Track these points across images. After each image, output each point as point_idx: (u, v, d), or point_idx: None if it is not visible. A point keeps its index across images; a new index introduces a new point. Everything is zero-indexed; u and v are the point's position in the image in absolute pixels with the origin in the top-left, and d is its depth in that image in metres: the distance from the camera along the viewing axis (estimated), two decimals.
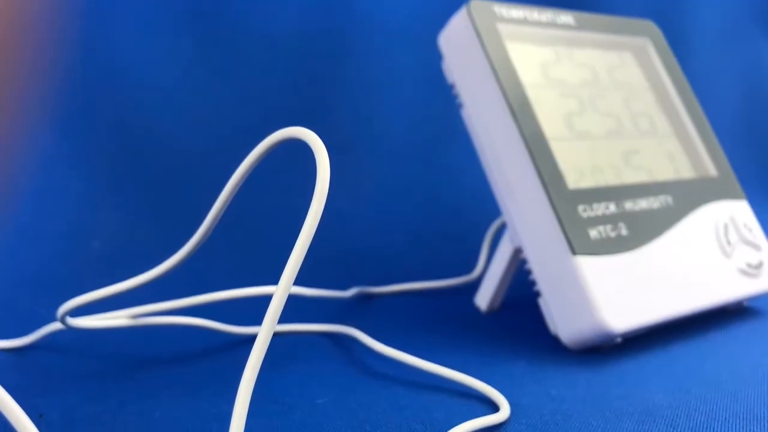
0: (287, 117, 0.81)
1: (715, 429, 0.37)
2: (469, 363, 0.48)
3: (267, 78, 0.84)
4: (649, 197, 0.55)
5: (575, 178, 0.53)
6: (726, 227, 0.57)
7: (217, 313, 0.55)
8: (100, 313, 0.51)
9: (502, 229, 0.68)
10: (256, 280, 0.57)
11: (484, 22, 0.55)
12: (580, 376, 0.45)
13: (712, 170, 0.61)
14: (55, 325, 0.51)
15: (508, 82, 0.53)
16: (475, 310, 0.61)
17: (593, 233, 0.50)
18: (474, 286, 0.65)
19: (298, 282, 0.58)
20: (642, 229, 0.53)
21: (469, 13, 0.54)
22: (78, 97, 0.76)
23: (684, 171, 0.60)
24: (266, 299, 0.51)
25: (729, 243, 0.57)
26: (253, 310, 0.52)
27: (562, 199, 0.50)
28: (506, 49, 0.55)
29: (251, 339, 0.54)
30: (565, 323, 0.50)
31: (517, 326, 0.56)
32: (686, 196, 0.57)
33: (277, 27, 0.84)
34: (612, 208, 0.52)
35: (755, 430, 0.37)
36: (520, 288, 0.60)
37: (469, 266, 0.72)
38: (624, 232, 0.51)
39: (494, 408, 0.41)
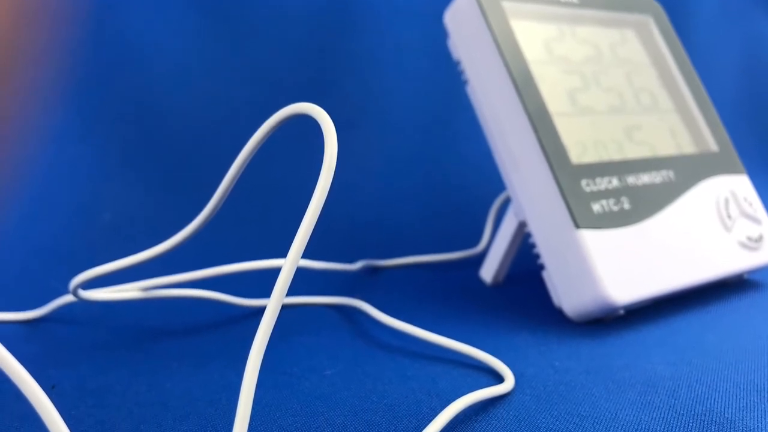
0: (295, 92, 0.81)
1: (716, 399, 0.38)
2: (474, 335, 0.48)
3: (275, 53, 0.83)
4: (651, 172, 0.55)
5: (578, 153, 0.53)
6: (727, 201, 0.58)
7: (227, 285, 0.55)
8: (112, 285, 0.51)
9: (506, 203, 0.69)
10: (265, 253, 0.58)
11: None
12: (583, 348, 0.46)
13: (713, 145, 0.61)
14: (68, 298, 0.52)
15: (512, 58, 0.53)
16: (480, 282, 0.61)
17: (596, 207, 0.50)
18: (479, 259, 0.66)
19: (306, 255, 0.59)
20: (644, 204, 0.53)
21: None
22: (89, 72, 0.76)
23: (685, 146, 0.60)
24: (275, 272, 0.52)
25: (729, 217, 0.57)
26: (262, 283, 0.53)
27: (566, 174, 0.51)
28: (510, 27, 0.55)
29: (260, 311, 0.54)
30: (569, 296, 0.50)
31: (521, 299, 0.57)
32: (688, 171, 0.57)
33: (286, 2, 0.84)
34: (615, 182, 0.53)
35: (755, 400, 0.38)
36: (525, 261, 0.61)
37: (474, 240, 0.73)
38: (626, 206, 0.52)
39: (499, 379, 0.41)
